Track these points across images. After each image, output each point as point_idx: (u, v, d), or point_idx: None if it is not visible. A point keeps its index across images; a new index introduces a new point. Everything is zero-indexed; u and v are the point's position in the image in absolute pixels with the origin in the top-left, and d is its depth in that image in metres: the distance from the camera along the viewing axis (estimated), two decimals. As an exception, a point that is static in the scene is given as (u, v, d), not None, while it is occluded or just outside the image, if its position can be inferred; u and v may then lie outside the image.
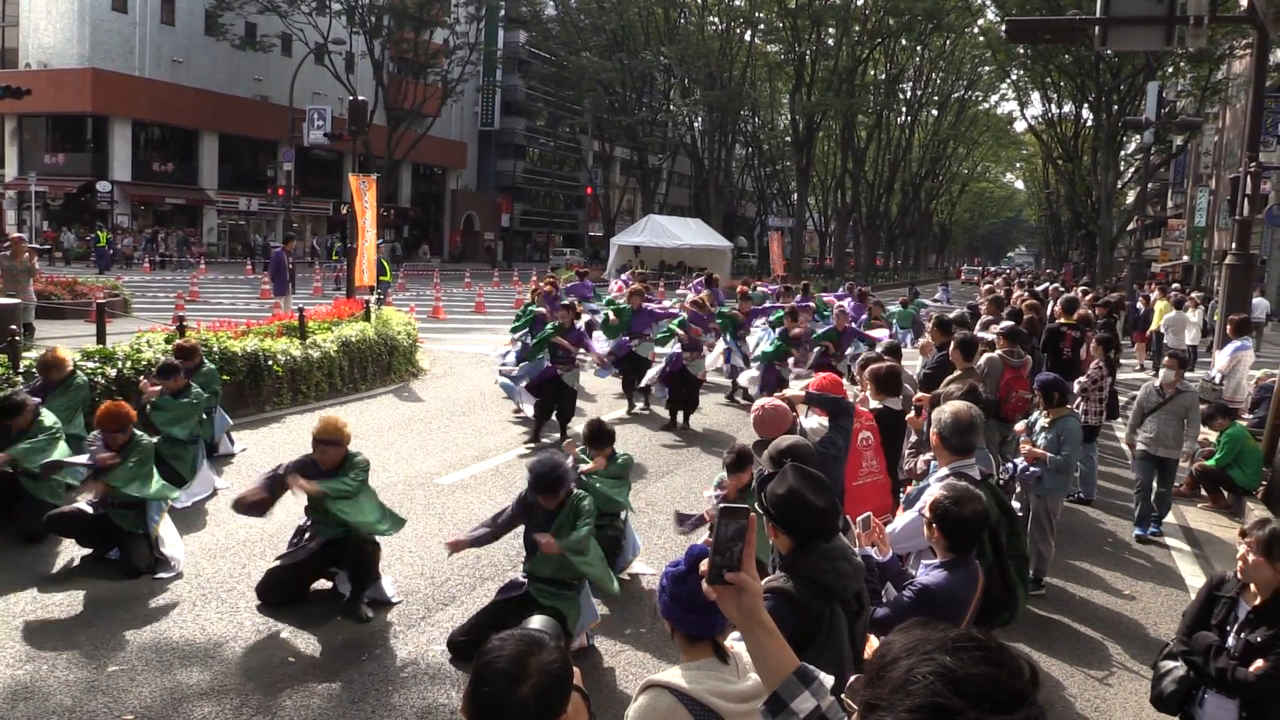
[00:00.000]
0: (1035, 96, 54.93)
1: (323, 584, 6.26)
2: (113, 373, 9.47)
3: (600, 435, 6.65)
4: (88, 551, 6.67)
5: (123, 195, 46.68)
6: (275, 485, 6.13)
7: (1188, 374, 19.93)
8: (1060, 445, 7.03)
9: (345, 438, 6.19)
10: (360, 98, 24.75)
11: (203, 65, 50.36)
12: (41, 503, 6.98)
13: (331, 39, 43.64)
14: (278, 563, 6.22)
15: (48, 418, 7.20)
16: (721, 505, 1.96)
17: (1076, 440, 7.25)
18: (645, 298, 14.24)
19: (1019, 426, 7.76)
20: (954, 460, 4.66)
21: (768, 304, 17.84)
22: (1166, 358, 9.10)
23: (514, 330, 13.98)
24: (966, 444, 4.67)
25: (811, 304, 17.08)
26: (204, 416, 8.84)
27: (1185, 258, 53.48)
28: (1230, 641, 4.28)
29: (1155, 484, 8.79)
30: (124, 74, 46.55)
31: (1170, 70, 41.03)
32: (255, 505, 6.16)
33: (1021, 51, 44.25)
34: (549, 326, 11.63)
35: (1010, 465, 7.14)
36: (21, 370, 8.86)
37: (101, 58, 45.73)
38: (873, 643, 3.51)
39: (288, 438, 10.50)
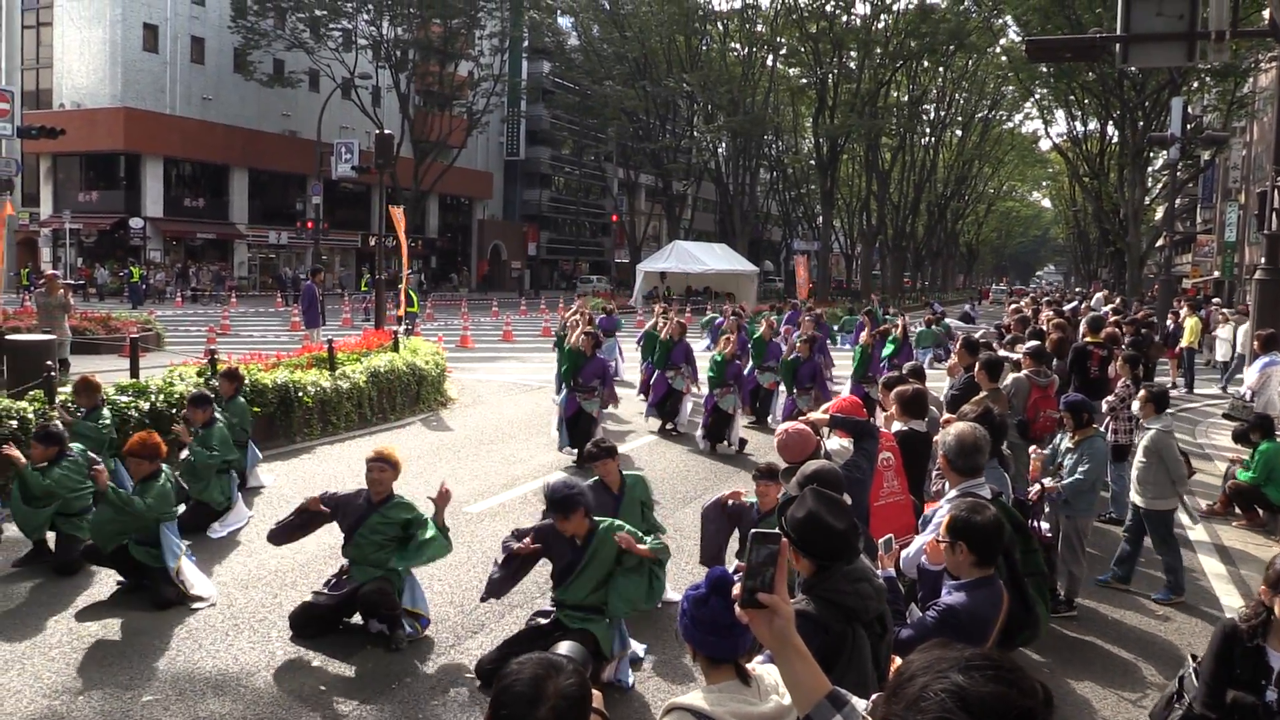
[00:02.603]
0: (1059, 115, 54.72)
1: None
2: (146, 406, 9.62)
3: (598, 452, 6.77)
4: (122, 580, 6.77)
5: (155, 231, 47.39)
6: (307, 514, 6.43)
7: (1224, 389, 19.75)
8: (1082, 466, 6.95)
9: (396, 463, 6.32)
10: (387, 131, 25.02)
11: (232, 102, 51.21)
12: (72, 538, 7.13)
13: (358, 74, 44.28)
14: (312, 599, 6.23)
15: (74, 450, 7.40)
16: (754, 530, 2.00)
17: (1104, 460, 7.19)
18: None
19: (1034, 462, 7.24)
20: (963, 481, 4.66)
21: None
22: (1140, 391, 8.04)
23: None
24: (973, 465, 4.67)
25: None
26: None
27: (1216, 273, 52.90)
28: (1270, 695, 3.97)
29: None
30: (155, 112, 47.42)
31: (1195, 85, 40.80)
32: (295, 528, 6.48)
33: (1044, 70, 44.16)
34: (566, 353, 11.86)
35: (1038, 485, 7.08)
36: (57, 404, 9.04)
37: (133, 97, 46.61)
38: (896, 664, 3.51)
39: (318, 468, 10.60)
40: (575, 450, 11.52)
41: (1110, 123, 45.97)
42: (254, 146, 51.63)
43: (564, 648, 5.19)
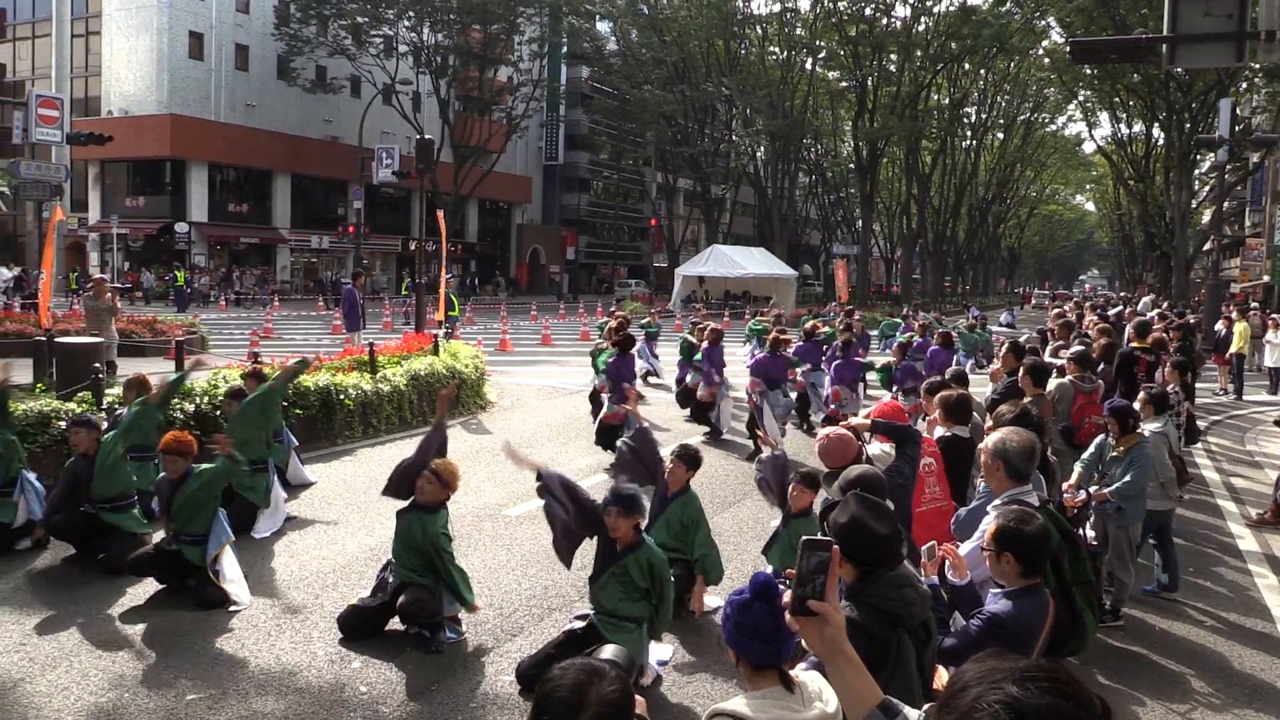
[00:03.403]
0: (1104, 117, 54.29)
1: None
2: (190, 408, 9.75)
3: (688, 459, 6.68)
4: (163, 584, 6.83)
5: (199, 236, 48.11)
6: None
7: (1274, 396, 19.38)
8: (1131, 472, 6.82)
9: (448, 480, 6.27)
10: (427, 136, 25.28)
11: (275, 109, 51.90)
12: (127, 534, 7.25)
13: (399, 80, 44.75)
14: (359, 602, 6.24)
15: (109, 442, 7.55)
16: (804, 538, 1.98)
17: (1151, 465, 7.05)
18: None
19: (1068, 504, 6.80)
20: (1013, 488, 4.58)
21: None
22: (1140, 393, 8.07)
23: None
24: (1030, 471, 4.60)
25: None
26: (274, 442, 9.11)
27: (1266, 277, 51.98)
28: None
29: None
30: (200, 119, 48.20)
31: (1244, 86, 40.14)
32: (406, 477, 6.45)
33: (1088, 72, 43.65)
34: (603, 355, 11.81)
35: (1084, 493, 6.96)
36: (105, 405, 9.20)
37: (179, 104, 47.38)
38: (941, 672, 3.46)
39: (359, 470, 10.68)
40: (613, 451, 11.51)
41: (1156, 125, 45.34)
42: (297, 152, 52.31)
43: (608, 651, 5.17)
